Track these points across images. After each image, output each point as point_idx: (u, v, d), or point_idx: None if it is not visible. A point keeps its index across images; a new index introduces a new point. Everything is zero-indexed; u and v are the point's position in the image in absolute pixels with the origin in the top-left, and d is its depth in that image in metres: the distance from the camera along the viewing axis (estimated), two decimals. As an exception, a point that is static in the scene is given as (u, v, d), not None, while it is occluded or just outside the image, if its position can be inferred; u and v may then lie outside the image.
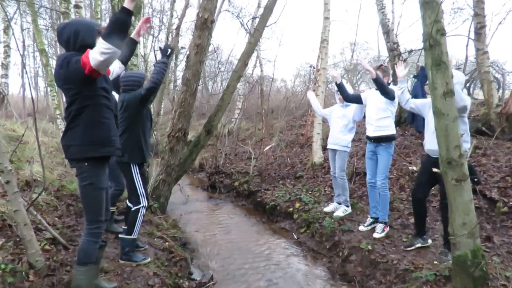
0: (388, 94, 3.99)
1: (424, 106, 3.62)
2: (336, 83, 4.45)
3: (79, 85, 2.20)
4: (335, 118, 4.94)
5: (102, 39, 2.01)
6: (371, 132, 4.19)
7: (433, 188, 3.77)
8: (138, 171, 3.25)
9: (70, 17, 6.93)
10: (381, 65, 4.21)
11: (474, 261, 2.59)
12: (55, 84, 2.30)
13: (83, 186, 2.35)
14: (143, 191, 3.27)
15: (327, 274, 3.83)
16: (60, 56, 2.27)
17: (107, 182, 2.51)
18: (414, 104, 3.69)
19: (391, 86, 4.13)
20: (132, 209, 3.24)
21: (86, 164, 2.30)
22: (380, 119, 4.10)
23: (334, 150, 4.86)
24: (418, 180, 3.75)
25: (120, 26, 2.03)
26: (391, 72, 4.25)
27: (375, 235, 4.06)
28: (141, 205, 3.23)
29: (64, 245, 3.04)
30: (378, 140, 4.12)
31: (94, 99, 2.27)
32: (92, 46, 2.14)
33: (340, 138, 4.77)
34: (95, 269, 2.50)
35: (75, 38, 2.22)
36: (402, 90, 3.69)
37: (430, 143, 3.43)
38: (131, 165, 3.22)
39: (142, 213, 3.25)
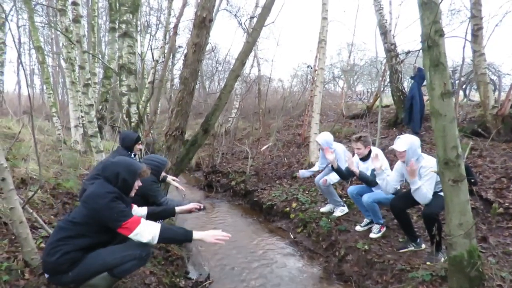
0: (374, 183, 3.90)
1: (401, 174, 3.61)
2: (332, 167, 4.20)
3: (101, 225, 2.24)
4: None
5: (158, 233, 2.27)
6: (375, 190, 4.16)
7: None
8: None
9: (67, 14, 6.89)
10: (360, 137, 4.10)
11: (470, 262, 2.60)
12: (81, 199, 2.36)
13: (90, 274, 2.25)
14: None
15: (323, 274, 3.84)
16: (106, 187, 2.30)
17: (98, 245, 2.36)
18: (400, 182, 3.68)
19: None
20: None
21: (69, 273, 2.19)
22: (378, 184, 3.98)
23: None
24: (404, 194, 3.71)
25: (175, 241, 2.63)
26: (371, 141, 4.19)
27: (372, 235, 4.07)
28: None
29: (60, 243, 3.02)
30: None
31: (98, 235, 2.28)
32: (131, 186, 2.41)
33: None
34: (115, 282, 2.48)
35: (115, 179, 2.34)
36: (383, 180, 3.61)
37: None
38: None
39: None
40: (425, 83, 3.00)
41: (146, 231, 2.25)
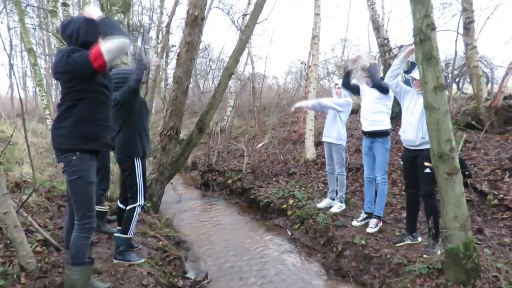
0: (380, 86, 4.01)
1: (406, 92, 3.60)
2: (346, 69, 4.42)
3: (79, 79, 2.26)
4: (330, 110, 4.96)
5: (111, 36, 2.17)
6: (365, 126, 4.22)
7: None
8: (141, 166, 3.22)
9: (58, 15, 6.83)
10: (370, 64, 4.22)
11: (466, 254, 2.62)
12: (52, 75, 2.45)
13: (72, 180, 2.35)
14: (143, 188, 3.23)
15: (321, 270, 3.85)
16: (61, 49, 2.33)
17: (96, 177, 2.49)
18: (400, 86, 3.62)
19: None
20: (128, 208, 3.20)
21: (74, 157, 2.31)
22: (374, 113, 4.12)
23: (330, 146, 4.87)
24: (404, 176, 3.79)
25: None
26: (381, 67, 4.26)
27: (369, 229, 4.09)
28: (137, 203, 3.19)
29: (56, 246, 3.00)
30: (373, 135, 4.15)
31: (90, 93, 2.32)
32: (93, 43, 2.26)
33: (333, 130, 4.80)
34: (89, 269, 2.48)
35: (77, 35, 2.32)
36: (398, 66, 3.58)
37: (405, 133, 3.48)
38: (135, 159, 3.19)
39: (137, 212, 3.21)
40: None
41: (111, 41, 2.17)
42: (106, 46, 2.16)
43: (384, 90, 4.03)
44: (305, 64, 10.90)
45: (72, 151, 2.31)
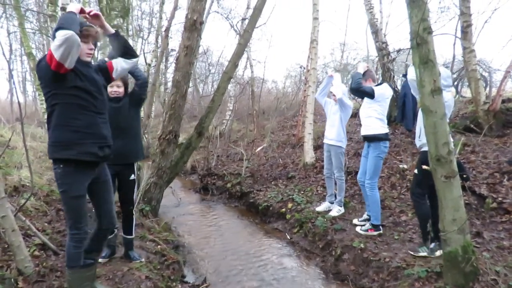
0: (352, 90, 4.13)
1: None
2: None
3: (49, 83, 2.19)
4: (329, 113, 4.99)
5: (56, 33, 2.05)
6: (361, 130, 4.31)
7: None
8: None
9: (57, 20, 6.86)
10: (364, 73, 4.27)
11: (464, 257, 2.62)
12: None
13: (59, 192, 2.34)
14: None
15: (320, 274, 3.84)
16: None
17: (85, 190, 2.35)
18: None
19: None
20: None
21: (59, 170, 2.25)
22: (366, 117, 4.21)
23: (329, 149, 4.87)
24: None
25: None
26: (375, 76, 4.31)
27: (358, 229, 4.21)
28: None
29: (54, 250, 3.00)
30: (367, 139, 4.22)
31: (62, 98, 2.21)
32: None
33: (333, 132, 4.82)
34: (83, 273, 2.45)
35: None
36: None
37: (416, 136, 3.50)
38: None
39: None
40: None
41: (56, 38, 2.04)
42: (53, 44, 2.05)
43: (360, 94, 4.15)
44: (304, 68, 10.92)
45: (57, 162, 2.25)
